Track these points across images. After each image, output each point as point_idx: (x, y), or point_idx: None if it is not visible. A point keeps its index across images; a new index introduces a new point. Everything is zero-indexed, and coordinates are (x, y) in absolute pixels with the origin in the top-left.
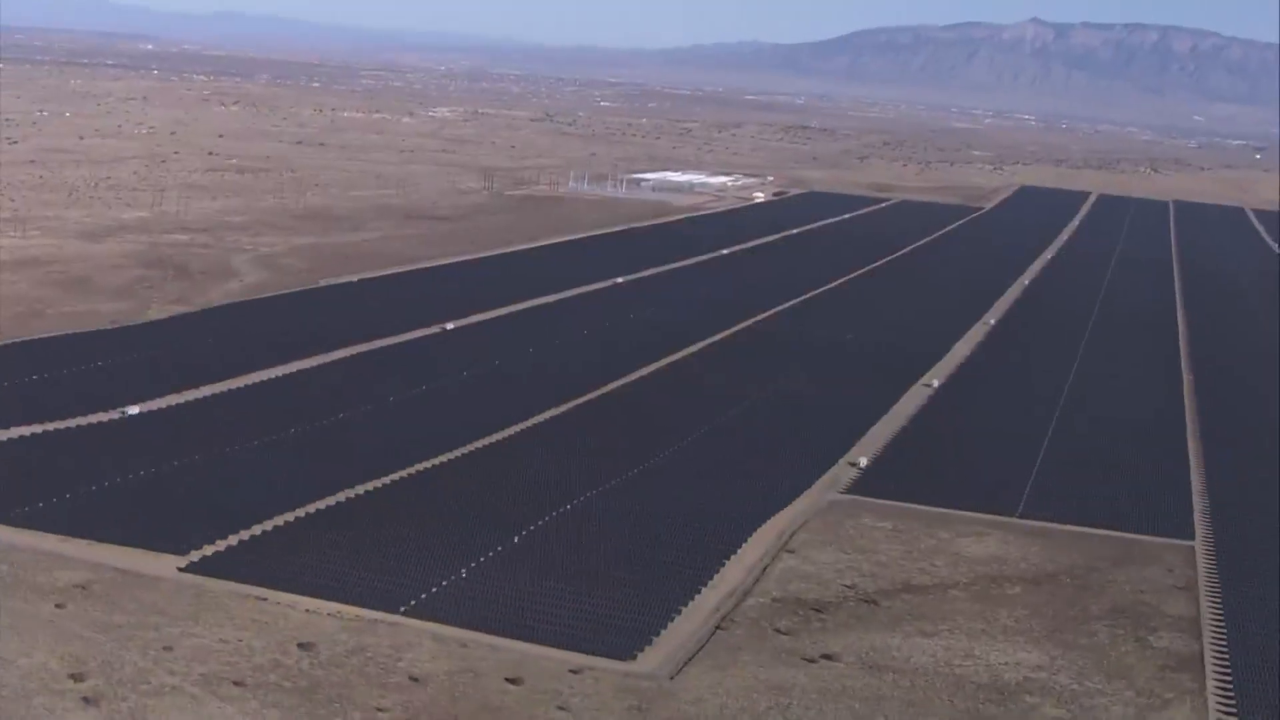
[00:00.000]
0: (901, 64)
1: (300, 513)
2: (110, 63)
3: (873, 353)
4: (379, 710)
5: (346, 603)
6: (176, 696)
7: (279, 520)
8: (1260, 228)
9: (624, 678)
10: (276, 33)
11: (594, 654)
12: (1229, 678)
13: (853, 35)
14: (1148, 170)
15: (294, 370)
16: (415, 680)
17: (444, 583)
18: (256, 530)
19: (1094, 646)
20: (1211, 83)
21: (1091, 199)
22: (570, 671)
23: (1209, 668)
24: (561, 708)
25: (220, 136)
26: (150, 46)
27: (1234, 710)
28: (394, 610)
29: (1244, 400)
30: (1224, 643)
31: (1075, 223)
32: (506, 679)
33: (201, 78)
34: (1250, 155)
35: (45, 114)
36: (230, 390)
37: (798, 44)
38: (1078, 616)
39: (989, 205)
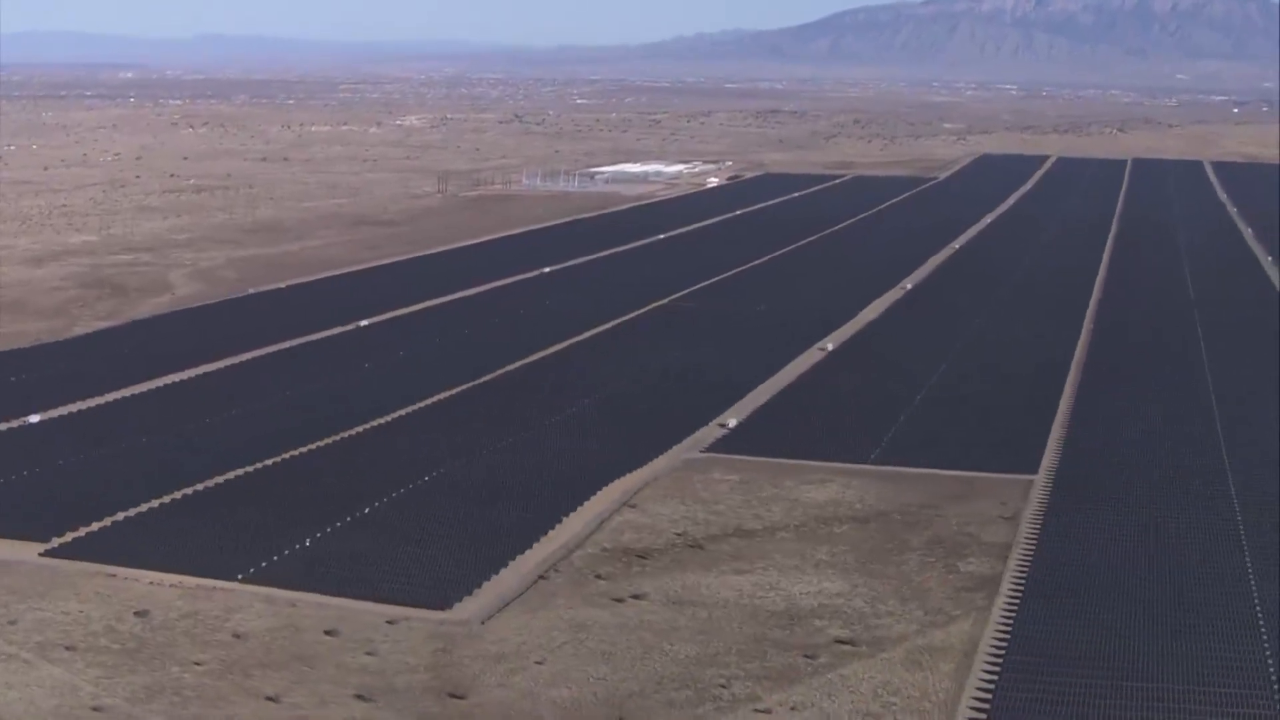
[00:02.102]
0: (883, 42)
1: (166, 499)
2: (88, 94)
3: (778, 322)
4: (195, 664)
5: (189, 574)
6: (10, 662)
7: (143, 507)
8: (1214, 179)
9: (437, 625)
10: (260, 52)
11: (413, 606)
12: (1019, 594)
13: (833, 17)
14: (1113, 131)
15: (199, 373)
16: (238, 637)
17: (286, 552)
18: (119, 516)
19: (900, 574)
20: (1195, 40)
21: (1049, 162)
22: (387, 622)
23: (1004, 587)
24: (370, 653)
25: (185, 159)
26: (129, 75)
27: (1011, 621)
28: (232, 578)
29: (1135, 354)
30: (1026, 564)
31: (1026, 187)
32: (325, 631)
33: (177, 102)
34: (1229, 111)
35: (13, 148)
36: (132, 395)
37: (779, 29)
38: (895, 549)
39: (943, 175)
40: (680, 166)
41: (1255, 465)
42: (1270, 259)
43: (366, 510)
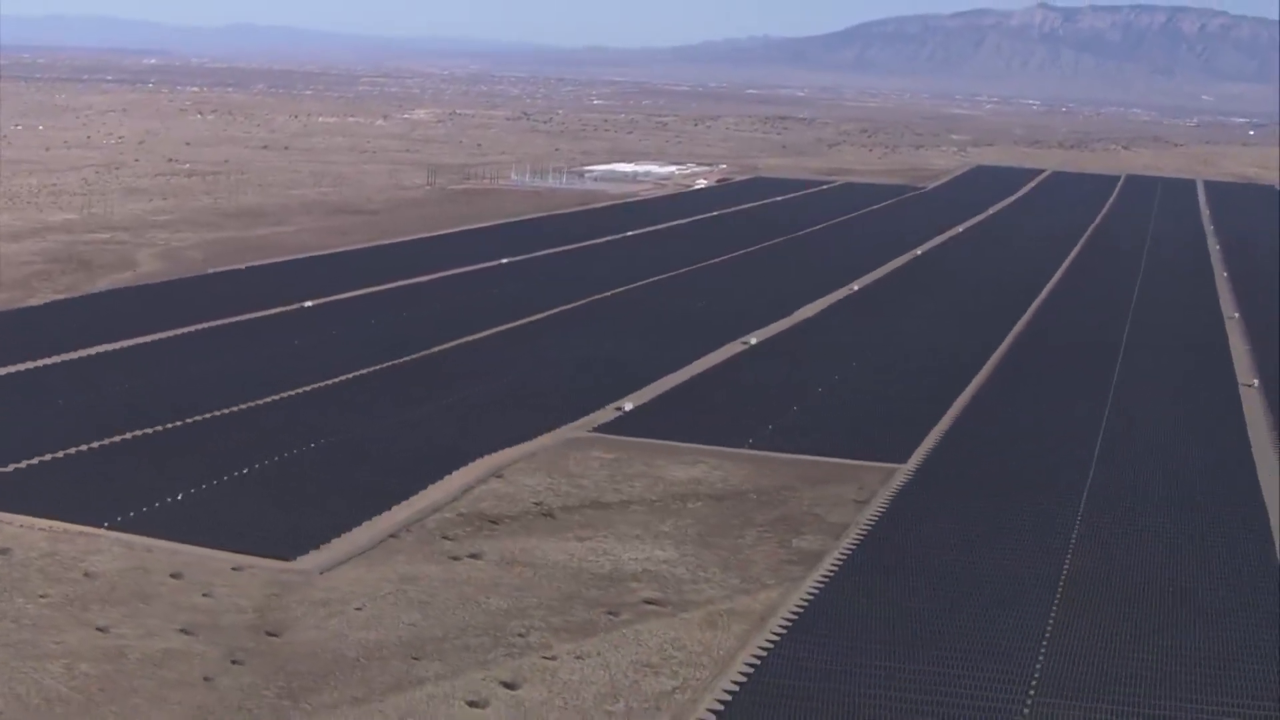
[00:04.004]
0: (910, 54)
1: (60, 454)
2: (110, 78)
3: (713, 316)
4: (40, 597)
5: (60, 520)
6: None
7: (35, 460)
8: (1202, 197)
9: (278, 574)
10: (288, 43)
11: (261, 556)
12: (835, 569)
13: (860, 27)
14: (1117, 148)
15: (131, 344)
16: (88, 576)
17: (156, 504)
18: (9, 468)
19: (733, 547)
20: (1221, 62)
21: (1042, 176)
22: (233, 569)
23: (825, 562)
24: (206, 594)
25: (187, 144)
26: (152, 61)
27: (817, 592)
28: (99, 525)
29: (1049, 360)
30: (856, 543)
31: (1010, 198)
32: (170, 574)
33: (193, 89)
34: (1244, 132)
35: (19, 128)
36: (59, 361)
37: (806, 37)
38: (739, 525)
39: (931, 185)
40: (673, 168)
41: (1121, 470)
42: (1225, 274)
43: (245, 470)
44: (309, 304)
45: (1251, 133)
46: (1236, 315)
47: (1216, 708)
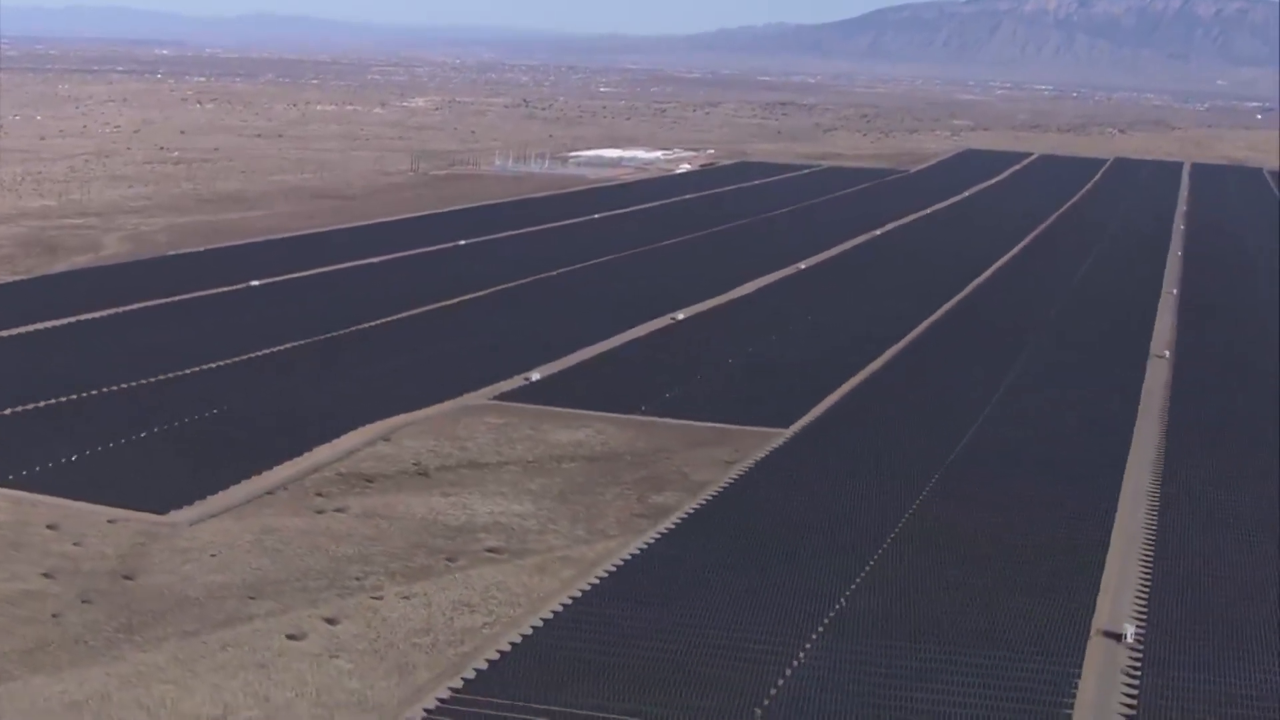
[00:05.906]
0: (925, 40)
1: None
2: (119, 69)
3: (648, 293)
4: None
5: None
6: None
7: None
8: (1185, 179)
9: (150, 525)
10: (305, 33)
11: (138, 510)
12: (679, 522)
13: (875, 13)
14: (1114, 132)
15: (68, 322)
16: None
17: (50, 464)
18: None
19: (591, 503)
20: (1236, 46)
21: (1029, 159)
22: (108, 521)
23: (673, 515)
24: (77, 544)
25: (181, 133)
26: (164, 51)
27: (653, 541)
28: None
29: (968, 335)
30: (709, 498)
31: (990, 181)
32: (47, 526)
33: (199, 79)
34: (1253, 116)
35: (18, 118)
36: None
37: (822, 24)
38: (605, 482)
39: (916, 168)
40: (659, 153)
41: (996, 436)
42: (1180, 253)
43: (143, 434)
44: (255, 283)
45: (1259, 116)
46: (1175, 291)
47: (1000, 647)
